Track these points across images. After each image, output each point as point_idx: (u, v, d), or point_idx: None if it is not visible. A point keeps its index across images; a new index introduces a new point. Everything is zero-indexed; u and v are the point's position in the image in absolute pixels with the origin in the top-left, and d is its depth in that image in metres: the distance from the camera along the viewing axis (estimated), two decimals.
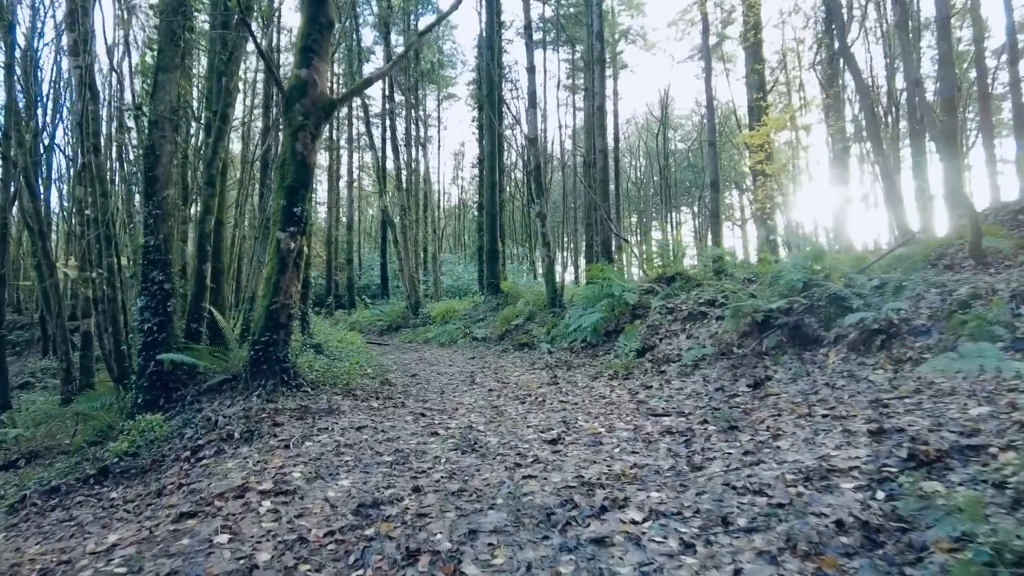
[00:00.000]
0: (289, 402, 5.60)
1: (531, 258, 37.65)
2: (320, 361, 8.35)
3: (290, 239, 5.79)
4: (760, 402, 4.75)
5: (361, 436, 4.59)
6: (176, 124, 6.62)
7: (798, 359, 5.70)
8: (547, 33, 31.02)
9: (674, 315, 8.50)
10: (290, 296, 5.89)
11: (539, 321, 11.88)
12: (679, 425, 4.39)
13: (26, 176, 10.54)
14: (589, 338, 9.39)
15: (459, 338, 13.84)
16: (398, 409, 5.76)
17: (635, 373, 7.06)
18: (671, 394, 5.67)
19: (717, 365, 6.48)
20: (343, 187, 32.27)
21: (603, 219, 13.01)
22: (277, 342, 5.85)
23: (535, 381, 7.32)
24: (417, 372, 9.01)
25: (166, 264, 6.40)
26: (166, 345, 6.26)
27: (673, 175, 41.87)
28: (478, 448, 4.17)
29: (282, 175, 5.81)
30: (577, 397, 6.03)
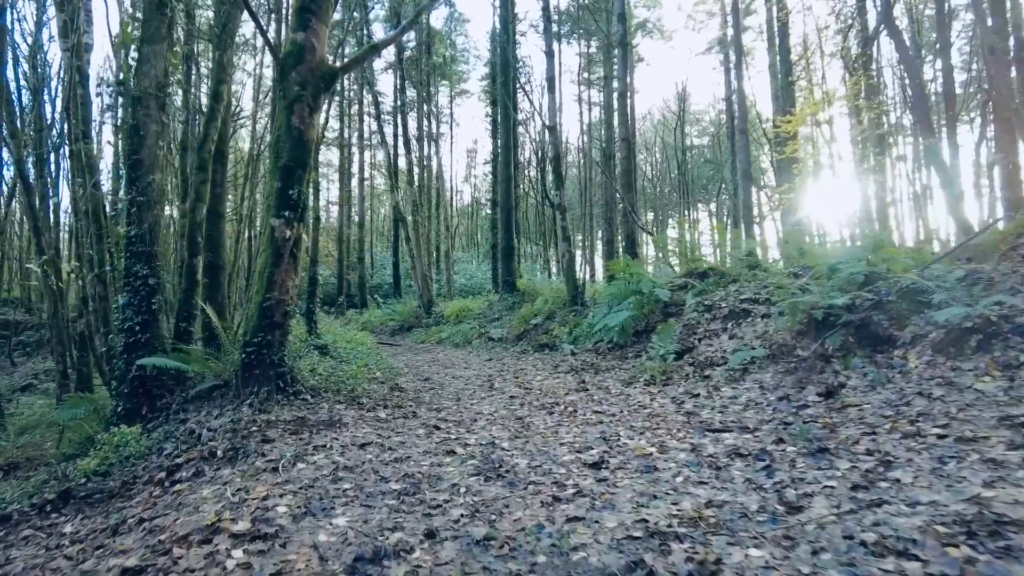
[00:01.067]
0: (284, 412, 4.90)
1: (545, 256, 36.91)
2: (325, 364, 7.68)
3: (285, 226, 5.10)
4: (839, 415, 3.96)
5: (364, 455, 3.87)
6: (163, 102, 5.95)
7: (871, 363, 4.89)
8: (561, 26, 30.21)
9: (713, 313, 7.70)
10: (286, 291, 5.19)
11: (559, 320, 11.12)
12: (747, 444, 3.61)
13: (19, 168, 9.98)
14: (616, 338, 8.62)
15: (474, 338, 13.13)
16: (408, 420, 5.03)
17: (674, 378, 6.28)
18: (724, 404, 4.88)
19: (770, 369, 5.68)
20: (355, 185, 31.73)
21: (626, 212, 12.25)
22: (271, 343, 5.16)
23: (561, 387, 6.57)
24: (430, 376, 8.30)
25: (151, 257, 5.74)
26: (150, 347, 5.60)
27: (691, 171, 40.90)
28: (504, 473, 3.43)
29: (276, 153, 5.12)
30: (613, 407, 5.26)
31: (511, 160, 17.51)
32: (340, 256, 29.75)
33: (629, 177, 12.76)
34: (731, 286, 8.65)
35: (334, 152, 33.27)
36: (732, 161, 30.62)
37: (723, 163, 37.43)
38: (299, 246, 5.24)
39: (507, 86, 17.11)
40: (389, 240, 34.80)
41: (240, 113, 18.75)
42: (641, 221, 13.28)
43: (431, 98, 27.77)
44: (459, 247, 43.79)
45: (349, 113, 31.61)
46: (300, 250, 5.26)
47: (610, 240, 16.07)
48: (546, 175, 32.09)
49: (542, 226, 36.58)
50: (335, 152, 33.01)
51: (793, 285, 7.31)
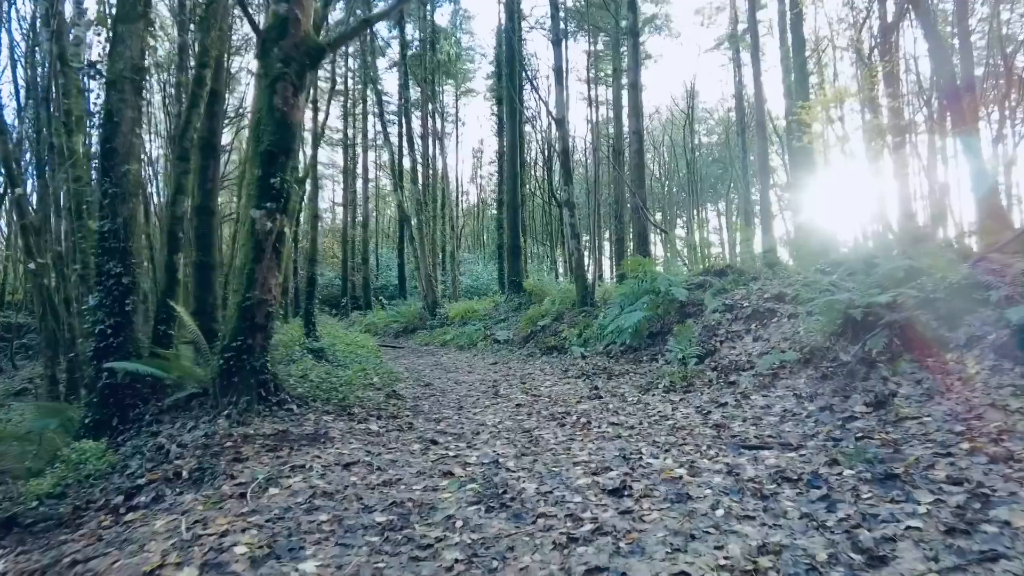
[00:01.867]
0: (265, 425, 4.41)
1: (552, 257, 36.37)
2: (318, 369, 7.19)
3: (267, 218, 4.61)
4: (897, 430, 3.41)
5: (348, 478, 3.37)
6: (139, 86, 5.49)
7: (923, 368, 4.34)
8: (568, 23, 29.68)
9: (735, 313, 7.16)
10: (268, 290, 4.70)
11: (568, 321, 10.60)
12: (793, 466, 3.08)
13: (5, 164, 9.59)
14: (630, 341, 8.08)
15: (479, 340, 12.62)
16: (403, 433, 4.52)
17: (696, 384, 5.74)
18: (757, 415, 4.34)
19: (803, 375, 5.14)
20: (359, 186, 31.33)
21: (637, 209, 11.73)
22: (252, 348, 4.67)
23: (572, 394, 6.04)
24: (431, 381, 7.79)
25: (125, 253, 5.27)
26: (123, 352, 5.12)
27: (699, 170, 40.26)
28: (509, 501, 2.91)
29: (257, 137, 4.64)
30: (631, 417, 4.73)
31: (517, 157, 17.01)
32: (344, 257, 29.35)
33: (640, 172, 12.23)
34: (752, 284, 8.11)
35: (338, 152, 32.94)
36: (743, 158, 30.01)
37: (732, 161, 36.81)
38: (282, 240, 4.75)
39: (513, 80, 16.61)
40: (395, 241, 34.41)
41: (245, 110, 18.39)
42: (653, 218, 12.73)
43: (436, 96, 27.31)
44: (465, 248, 43.33)
45: (354, 113, 31.23)
46: (283, 245, 4.77)
47: (620, 239, 15.52)
48: (553, 172, 31.59)
49: (549, 226, 36.06)
50: (338, 152, 32.67)
51: (822, 282, 6.77)
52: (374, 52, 20.25)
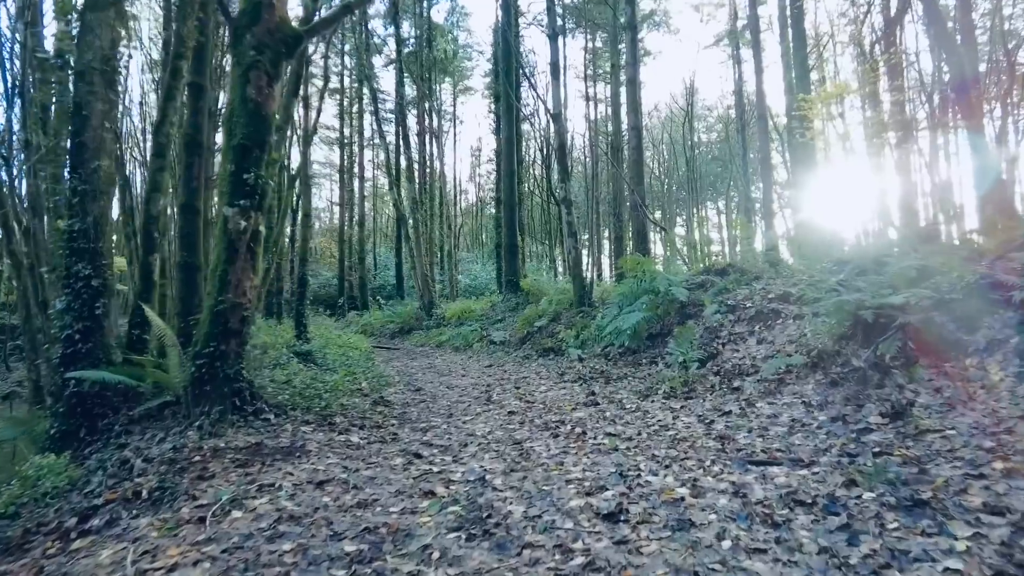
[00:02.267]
0: (239, 437, 4.14)
1: (551, 256, 36.10)
2: (305, 374, 6.91)
3: (240, 216, 4.33)
4: (919, 444, 3.14)
5: (320, 498, 3.09)
6: (111, 77, 5.20)
7: (942, 374, 4.06)
8: (566, 20, 29.35)
9: (737, 314, 6.88)
10: (243, 292, 4.42)
11: (565, 322, 10.32)
12: (807, 486, 2.80)
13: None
14: (628, 342, 7.81)
15: (475, 342, 12.34)
16: (386, 446, 4.25)
17: (698, 390, 5.46)
18: (763, 425, 4.06)
19: (811, 380, 4.87)
20: (356, 185, 31.03)
21: (636, 206, 11.43)
22: (226, 354, 4.39)
23: (568, 399, 5.77)
24: (423, 385, 7.52)
25: (95, 254, 4.99)
26: (92, 358, 4.84)
27: (699, 168, 39.97)
28: (494, 527, 2.64)
29: (230, 130, 4.36)
30: (629, 427, 4.45)
31: (514, 154, 16.71)
32: (341, 257, 29.09)
33: (639, 169, 11.95)
34: (755, 284, 7.83)
35: (334, 151, 32.65)
36: (743, 155, 29.75)
37: (732, 159, 36.51)
38: (257, 240, 4.47)
39: (509, 76, 16.31)
40: (394, 241, 34.13)
41: None
42: (652, 216, 12.43)
43: (432, 94, 27.00)
44: (464, 247, 43.07)
45: (351, 112, 30.94)
46: (259, 245, 4.49)
47: (619, 237, 15.23)
48: (552, 171, 31.30)
49: (548, 225, 35.76)
50: (334, 151, 32.38)
51: (828, 282, 6.50)
52: (369, 49, 19.94)
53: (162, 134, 5.73)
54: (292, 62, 5.35)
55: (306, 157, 11.83)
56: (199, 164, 8.70)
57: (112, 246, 5.25)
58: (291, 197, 12.39)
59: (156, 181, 5.68)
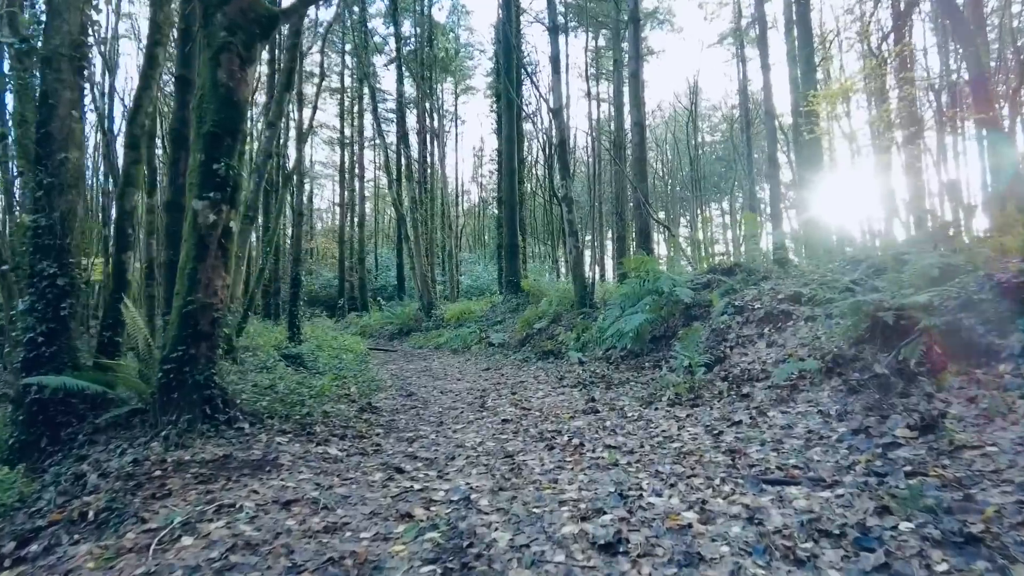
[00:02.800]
0: (207, 448, 3.82)
1: (554, 256, 35.76)
2: (291, 378, 6.60)
3: (210, 209, 4.01)
4: (956, 463, 2.79)
5: (284, 522, 2.76)
6: (79, 64, 4.90)
7: (974, 382, 3.71)
8: (568, 18, 29.05)
9: (745, 316, 6.54)
10: (214, 292, 4.11)
11: (566, 324, 9.98)
12: (831, 512, 2.46)
13: None
14: (631, 345, 7.47)
15: (473, 344, 12.02)
16: (367, 459, 3.92)
17: (705, 397, 5.12)
18: (777, 437, 3.72)
19: (826, 387, 4.52)
20: (357, 186, 30.77)
21: (639, 204, 11.10)
22: (195, 359, 4.07)
23: (566, 406, 5.43)
24: (416, 390, 7.19)
25: (62, 252, 4.69)
26: (57, 362, 4.54)
27: (703, 168, 39.59)
28: (475, 559, 2.31)
29: (199, 117, 4.04)
30: (631, 438, 4.11)
31: (515, 153, 16.39)
32: (341, 257, 28.82)
33: (642, 166, 11.60)
34: (763, 284, 7.49)
35: (335, 151, 32.41)
36: (748, 154, 29.41)
37: (736, 158, 36.12)
38: (229, 236, 4.15)
39: (510, 73, 15.99)
40: (395, 241, 33.88)
41: None
42: (656, 215, 12.04)
43: (433, 93, 26.71)
44: (466, 247, 42.82)
45: (352, 112, 30.70)
46: (231, 241, 4.17)
47: (621, 236, 14.88)
48: (553, 170, 30.98)
49: (551, 225, 35.44)
50: (335, 151, 32.15)
51: (841, 281, 6.15)
52: (368, 47, 19.67)
53: (136, 125, 5.42)
54: (266, 44, 5.03)
55: (300, 154, 11.54)
56: (186, 159, 8.41)
57: (81, 243, 4.93)
58: (286, 196, 12.10)
59: (130, 175, 5.37)
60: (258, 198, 9.89)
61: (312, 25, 16.46)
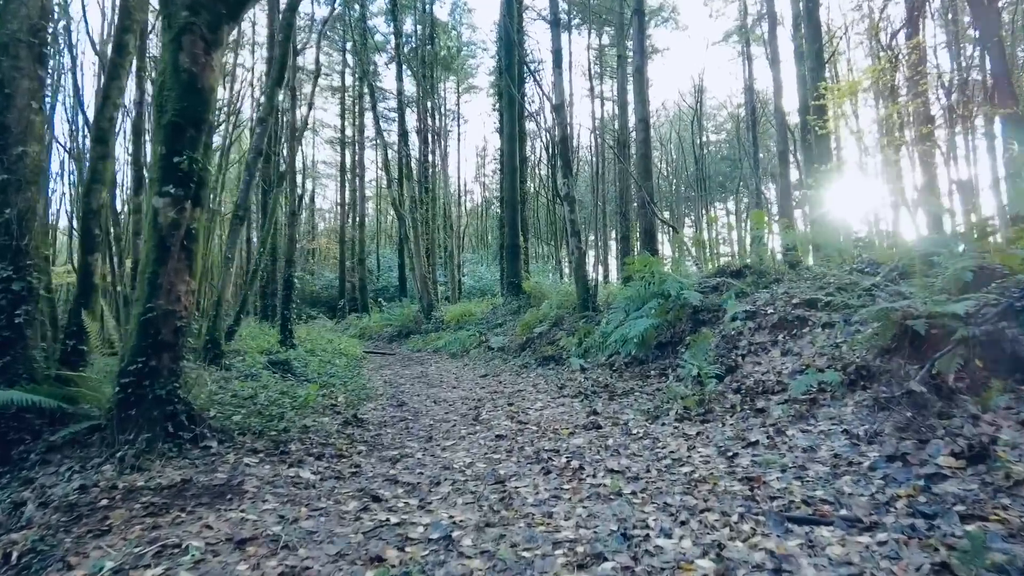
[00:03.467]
0: (165, 471, 3.44)
1: (557, 257, 35.36)
2: (275, 387, 6.23)
3: (172, 207, 3.64)
4: (1017, 502, 2.39)
5: (235, 566, 2.39)
6: (39, 51, 4.54)
7: (1022, 401, 3.31)
8: (571, 15, 28.64)
9: (758, 321, 6.13)
10: (177, 298, 3.73)
11: (568, 328, 9.59)
12: (875, 566, 2.06)
13: None
14: (635, 351, 7.08)
15: (472, 347, 11.64)
16: (343, 483, 3.54)
17: (716, 411, 4.72)
18: (799, 462, 3.32)
19: (850, 402, 4.12)
20: (358, 186, 30.44)
21: (644, 203, 10.68)
22: (157, 371, 3.70)
23: (566, 420, 5.04)
24: (408, 399, 6.82)
25: (18, 253, 4.33)
26: (10, 373, 4.18)
27: (707, 168, 39.11)
28: None
29: (159, 106, 3.68)
30: (635, 461, 3.72)
31: (516, 151, 15.99)
32: (342, 258, 28.52)
33: (647, 163, 11.19)
34: (775, 287, 7.08)
35: (335, 151, 32.12)
36: (754, 153, 29.02)
37: (743, 156, 35.66)
38: (194, 238, 3.78)
39: (511, 70, 15.61)
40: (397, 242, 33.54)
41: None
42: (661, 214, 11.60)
43: (434, 91, 26.35)
44: (469, 248, 42.50)
45: (354, 111, 30.40)
46: (195, 242, 3.80)
47: (625, 236, 14.48)
48: (556, 169, 30.61)
49: (553, 225, 35.06)
50: (335, 151, 31.85)
51: (861, 285, 5.76)
52: (367, 43, 19.32)
53: (104, 118, 5.05)
54: (235, 26, 4.66)
55: (293, 152, 11.18)
56: None
57: (42, 245, 4.56)
58: (280, 195, 11.75)
59: (97, 171, 4.99)
60: (248, 196, 9.54)
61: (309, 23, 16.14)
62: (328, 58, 30.59)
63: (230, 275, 9.10)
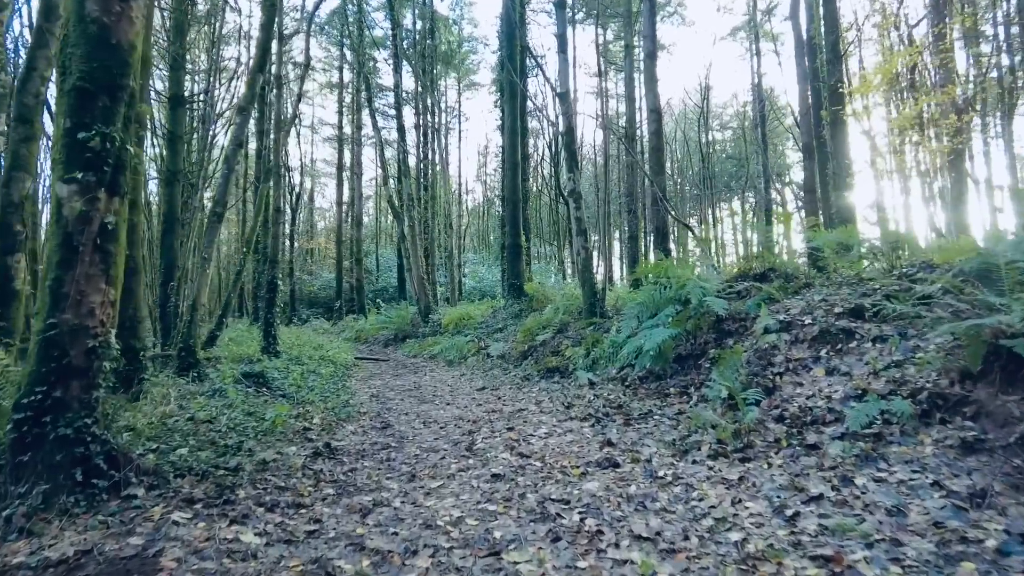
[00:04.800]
0: (66, 534, 2.68)
1: (559, 258, 34.55)
2: (242, 406, 5.45)
3: (78, 197, 2.87)
4: None
5: None
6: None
7: None
8: (576, 10, 27.82)
9: (794, 333, 5.34)
10: (89, 311, 2.96)
11: (573, 335, 8.81)
12: None
13: None
14: (651, 365, 6.30)
15: (470, 355, 10.87)
16: (292, 551, 2.75)
17: (757, 444, 3.93)
18: (886, 530, 2.53)
19: (928, 440, 3.38)
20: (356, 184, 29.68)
21: (656, 200, 9.89)
22: (63, 404, 2.93)
23: (575, 454, 4.25)
24: (394, 419, 6.04)
25: None
26: None
27: (713, 167, 38.28)
28: None
29: (63, 66, 2.90)
30: (668, 519, 2.93)
31: (518, 146, 15.20)
32: (339, 258, 27.81)
33: (659, 156, 10.38)
34: (807, 292, 6.31)
35: (331, 149, 31.38)
36: (763, 149, 28.32)
37: (749, 156, 34.80)
38: (112, 236, 3.00)
39: (513, 60, 14.82)
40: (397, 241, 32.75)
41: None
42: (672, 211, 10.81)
43: (434, 86, 25.57)
44: (470, 248, 41.75)
45: (353, 108, 29.66)
46: (117, 242, 3.02)
47: (633, 236, 13.68)
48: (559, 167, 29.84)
49: (556, 225, 34.25)
50: (331, 149, 31.11)
51: (914, 292, 4.98)
52: (362, 35, 18.55)
53: (28, 93, 4.28)
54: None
55: (278, 146, 10.43)
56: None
57: None
58: (264, 191, 10.99)
59: (18, 155, 4.21)
60: (227, 191, 8.78)
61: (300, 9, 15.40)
62: (326, 53, 29.89)
63: (206, 277, 8.34)
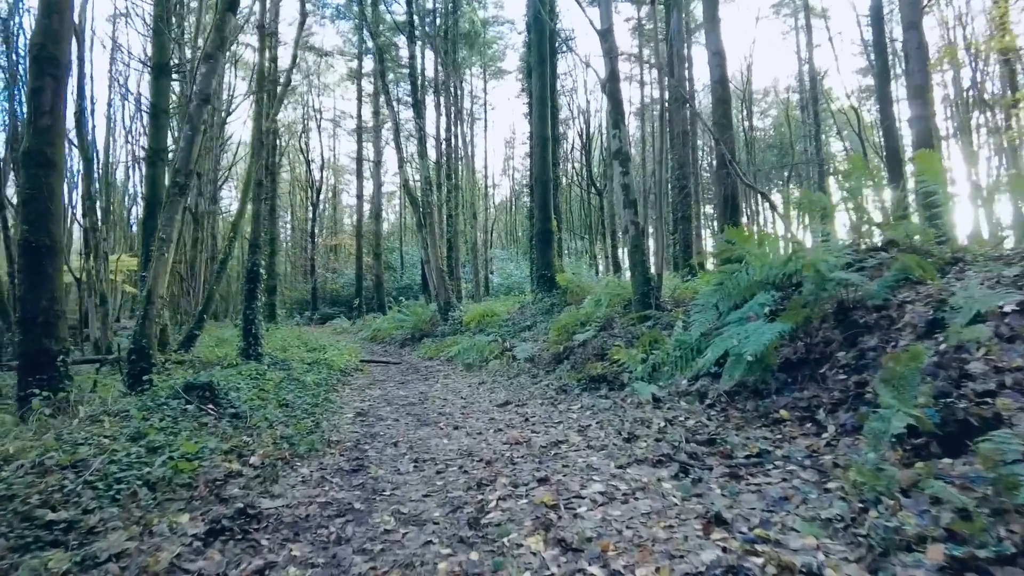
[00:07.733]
0: None
1: (592, 252, 32.50)
2: (145, 440, 3.72)
3: None
4: None
5: None
6: None
7: None
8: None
9: (995, 327, 3.31)
10: None
11: (622, 334, 6.89)
12: None
13: None
14: (744, 374, 4.32)
15: (492, 357, 9.03)
16: None
17: (990, 537, 1.95)
18: None
19: None
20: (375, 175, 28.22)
21: (725, 163, 7.91)
22: None
23: (662, 542, 2.35)
24: (373, 455, 4.23)
25: None
26: None
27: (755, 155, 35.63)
28: None
29: None
30: None
31: (547, 117, 13.30)
32: (359, 253, 26.35)
33: (726, 109, 8.38)
34: (954, 269, 4.29)
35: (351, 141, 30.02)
36: (816, 132, 25.98)
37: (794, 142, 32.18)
38: None
39: (540, 20, 12.92)
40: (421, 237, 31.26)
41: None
42: (744, 178, 8.69)
43: (457, 67, 23.85)
44: (498, 244, 40.06)
45: (375, 97, 28.21)
46: None
47: (685, 217, 11.61)
48: (590, 157, 27.78)
49: (588, 218, 32.26)
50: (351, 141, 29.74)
51: None
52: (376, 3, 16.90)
53: None
54: None
55: (260, 108, 8.78)
56: (54, 90, 5.84)
57: None
58: (253, 168, 9.38)
59: None
60: (191, 157, 7.14)
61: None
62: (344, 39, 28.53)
63: (164, 263, 6.71)
